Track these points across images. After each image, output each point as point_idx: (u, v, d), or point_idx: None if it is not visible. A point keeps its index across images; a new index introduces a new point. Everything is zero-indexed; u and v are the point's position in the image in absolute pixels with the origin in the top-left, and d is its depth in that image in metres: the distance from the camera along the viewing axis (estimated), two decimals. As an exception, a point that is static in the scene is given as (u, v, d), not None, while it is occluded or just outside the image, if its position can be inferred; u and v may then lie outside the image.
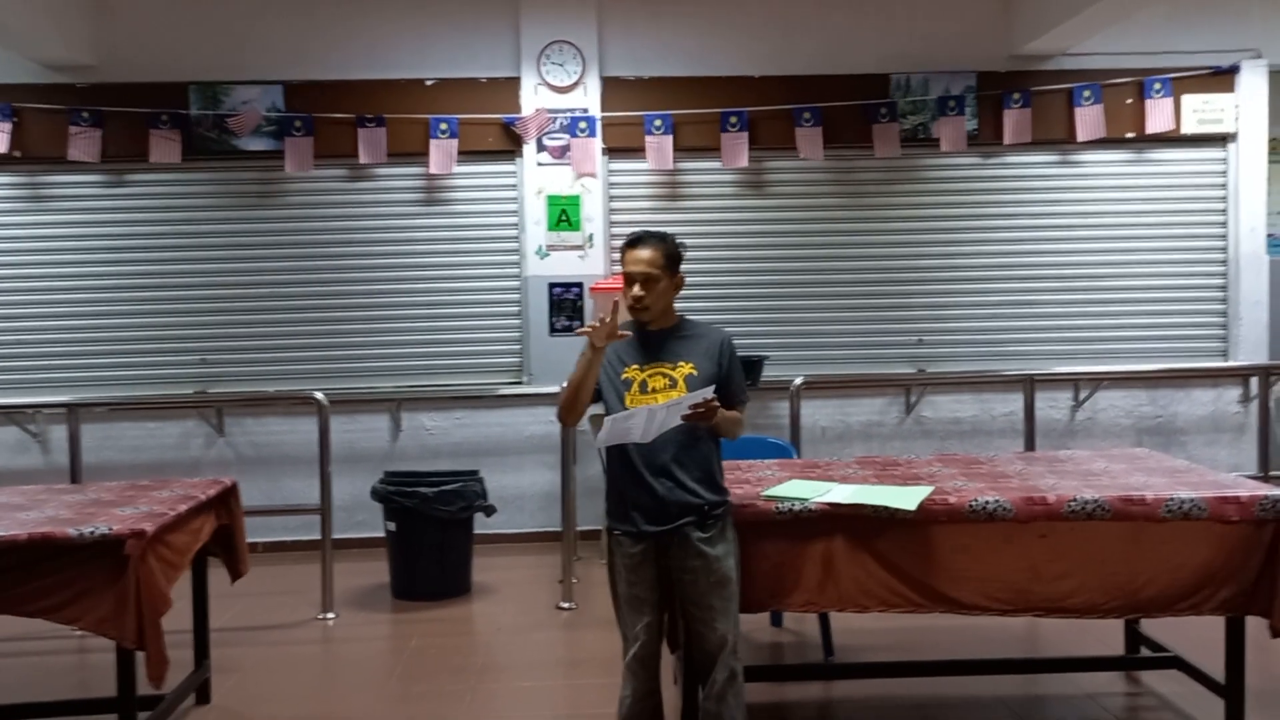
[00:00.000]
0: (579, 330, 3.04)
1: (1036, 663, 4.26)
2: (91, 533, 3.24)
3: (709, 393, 2.95)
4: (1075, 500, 3.30)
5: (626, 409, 3.00)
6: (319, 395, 5.23)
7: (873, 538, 3.31)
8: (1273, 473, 5.71)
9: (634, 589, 3.07)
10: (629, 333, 3.08)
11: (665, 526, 3.02)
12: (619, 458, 3.06)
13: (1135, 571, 3.33)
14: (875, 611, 3.35)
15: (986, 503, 3.30)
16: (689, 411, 2.93)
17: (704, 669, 3.11)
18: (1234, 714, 3.53)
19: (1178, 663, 3.89)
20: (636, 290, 3.05)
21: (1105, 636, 4.29)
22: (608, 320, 2.97)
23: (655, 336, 3.13)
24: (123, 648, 3.36)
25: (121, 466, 6.04)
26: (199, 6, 6.21)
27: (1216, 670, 3.59)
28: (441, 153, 6.17)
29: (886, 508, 3.27)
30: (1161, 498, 3.32)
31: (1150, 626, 4.14)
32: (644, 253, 3.06)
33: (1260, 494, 3.35)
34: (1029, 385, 5.78)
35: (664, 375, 3.07)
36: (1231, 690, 3.53)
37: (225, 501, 4.05)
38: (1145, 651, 4.11)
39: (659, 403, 2.96)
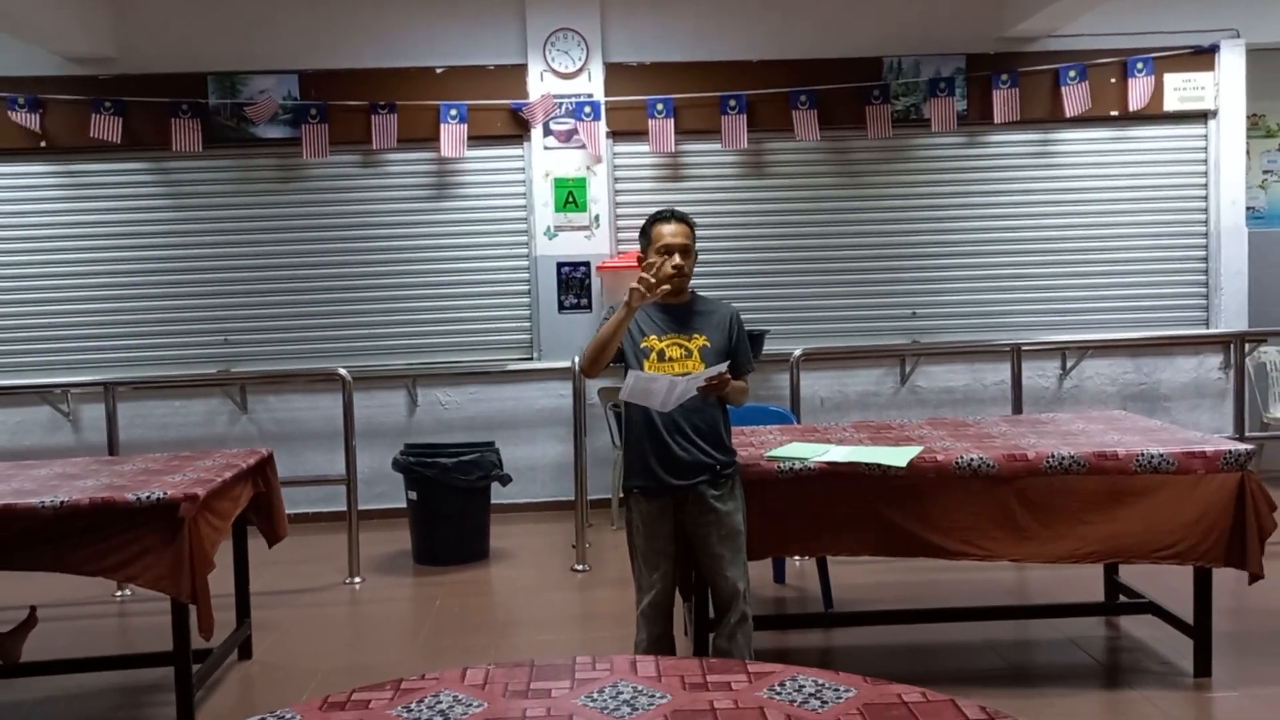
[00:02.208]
0: (633, 286, 3.14)
1: (1022, 609, 4.54)
2: (148, 497, 3.51)
3: (723, 368, 3.23)
4: (1053, 456, 3.59)
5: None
6: (342, 371, 5.49)
7: (867, 493, 3.59)
8: (1250, 434, 5.96)
9: (652, 542, 3.35)
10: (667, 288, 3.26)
11: (683, 481, 3.30)
12: (640, 422, 3.33)
13: (1110, 522, 3.62)
14: (868, 555, 3.64)
15: (971, 460, 3.58)
16: (704, 384, 3.21)
17: (717, 614, 3.41)
18: (1202, 654, 3.82)
19: (1152, 608, 4.17)
20: (678, 259, 3.32)
21: (1086, 585, 4.58)
22: (654, 282, 3.17)
23: (673, 310, 3.40)
24: (177, 605, 3.63)
25: (150, 443, 6.30)
26: (216, -1, 6.45)
27: (1188, 615, 3.86)
28: (452, 137, 6.41)
29: (879, 465, 3.55)
30: (1133, 453, 3.60)
31: (1128, 575, 4.43)
32: (681, 226, 3.36)
33: (1225, 448, 3.63)
34: (1016, 354, 6.04)
35: (680, 346, 3.35)
36: (1200, 633, 3.83)
37: (262, 470, 4.32)
38: (1123, 598, 4.40)
39: (679, 374, 3.23)
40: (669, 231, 3.34)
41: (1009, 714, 1.86)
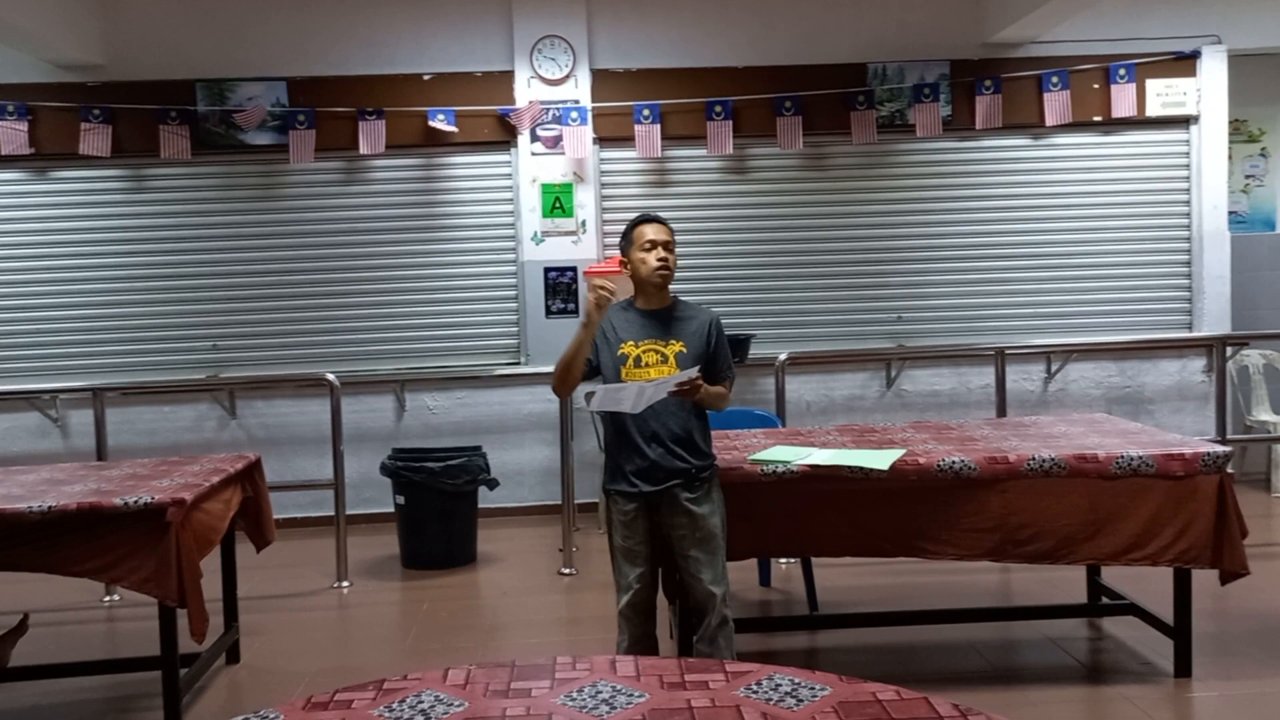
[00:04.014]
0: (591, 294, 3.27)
1: (1006, 611, 4.57)
2: (136, 502, 3.53)
3: (694, 372, 3.26)
4: (1034, 459, 3.62)
5: (622, 380, 3.32)
6: (331, 377, 5.50)
7: (849, 496, 3.62)
8: (1232, 436, 6.01)
9: (628, 541, 3.39)
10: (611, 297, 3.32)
11: (656, 487, 3.33)
12: (616, 426, 3.37)
13: (1091, 523, 3.66)
14: (850, 556, 3.67)
15: (953, 462, 3.61)
16: (674, 388, 3.24)
17: (695, 617, 3.43)
18: (1182, 654, 3.87)
19: (1134, 609, 4.21)
20: (661, 252, 3.37)
21: (1069, 587, 4.62)
22: (613, 288, 3.26)
23: (651, 315, 3.43)
24: (165, 611, 3.65)
25: (139, 449, 6.30)
26: (205, 6, 6.45)
27: (1169, 616, 3.90)
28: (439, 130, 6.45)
29: (862, 468, 3.59)
30: (1112, 455, 3.64)
31: (1110, 577, 4.47)
32: (664, 225, 3.44)
33: (1203, 450, 3.67)
34: (1000, 358, 6.08)
35: (657, 351, 3.38)
36: (1180, 633, 3.87)
37: (250, 475, 4.34)
38: (1105, 600, 4.44)
39: (648, 379, 3.27)
40: (652, 230, 3.41)
41: (982, 711, 1.89)
